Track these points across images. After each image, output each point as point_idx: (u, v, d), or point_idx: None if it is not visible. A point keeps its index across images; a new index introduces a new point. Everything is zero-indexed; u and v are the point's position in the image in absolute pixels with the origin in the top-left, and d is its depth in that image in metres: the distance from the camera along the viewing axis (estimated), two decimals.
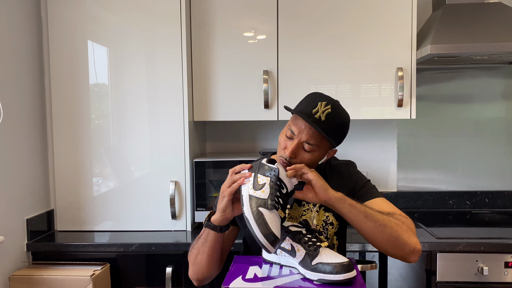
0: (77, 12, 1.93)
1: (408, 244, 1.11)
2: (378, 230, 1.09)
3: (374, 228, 1.09)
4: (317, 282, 0.95)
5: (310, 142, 1.16)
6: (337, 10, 1.99)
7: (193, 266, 1.23)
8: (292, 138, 1.18)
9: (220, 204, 1.11)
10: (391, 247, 1.12)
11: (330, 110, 1.15)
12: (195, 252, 1.22)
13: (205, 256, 1.19)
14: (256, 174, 1.07)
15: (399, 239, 1.10)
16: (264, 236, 0.96)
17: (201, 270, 1.21)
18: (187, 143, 1.94)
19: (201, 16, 2.02)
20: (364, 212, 1.09)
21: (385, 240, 1.10)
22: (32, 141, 1.93)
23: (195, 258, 1.21)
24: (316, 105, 1.16)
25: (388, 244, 1.11)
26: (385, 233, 1.09)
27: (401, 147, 2.37)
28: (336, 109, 1.17)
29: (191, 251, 1.24)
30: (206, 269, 1.21)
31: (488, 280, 1.73)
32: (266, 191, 1.02)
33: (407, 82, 1.98)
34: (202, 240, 1.20)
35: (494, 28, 1.95)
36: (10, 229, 1.78)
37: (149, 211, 1.96)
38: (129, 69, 1.94)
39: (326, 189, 1.07)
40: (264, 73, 2.00)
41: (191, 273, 1.25)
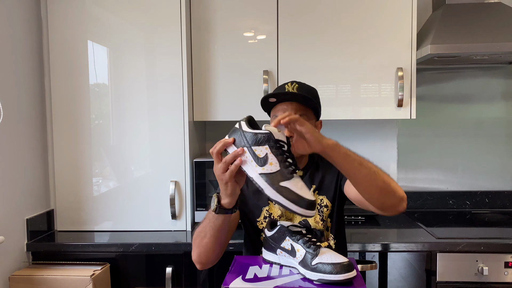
0: (77, 12, 1.93)
1: (397, 191, 1.11)
2: (372, 178, 1.06)
3: (368, 175, 1.06)
4: (317, 282, 0.95)
5: (299, 113, 1.23)
6: (337, 10, 1.99)
7: (198, 248, 1.20)
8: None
9: (225, 190, 1.05)
10: (384, 195, 1.10)
11: (297, 85, 1.29)
12: (201, 235, 1.18)
13: (213, 239, 1.16)
14: (250, 147, 0.97)
15: (391, 186, 1.10)
16: (303, 207, 0.91)
17: (206, 253, 1.19)
18: (187, 143, 1.94)
19: (201, 16, 2.02)
20: (358, 160, 1.05)
21: (379, 188, 1.08)
22: (32, 141, 1.93)
23: (201, 241, 1.18)
24: (284, 87, 1.30)
25: (381, 192, 1.09)
26: (379, 180, 1.07)
27: (401, 147, 2.37)
28: (301, 83, 1.32)
29: (197, 234, 1.20)
30: (211, 252, 1.19)
31: (488, 280, 1.73)
32: (274, 162, 0.95)
33: (407, 82, 1.98)
34: (209, 224, 1.15)
35: (494, 28, 1.95)
36: (10, 229, 1.78)
37: (149, 211, 1.96)
38: (129, 69, 1.94)
39: (321, 140, 1.01)
40: (264, 73, 2.00)
41: (195, 256, 1.22)
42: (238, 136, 1.01)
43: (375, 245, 1.76)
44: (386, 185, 1.09)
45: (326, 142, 1.01)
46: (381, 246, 1.76)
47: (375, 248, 1.76)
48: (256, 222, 1.34)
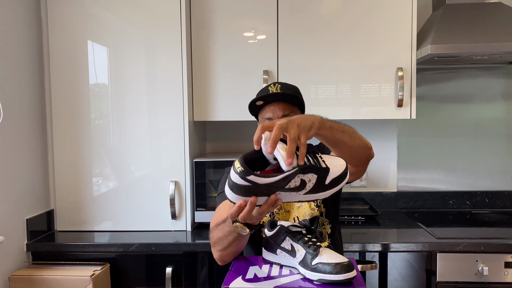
0: (77, 12, 1.93)
1: (366, 142, 1.15)
2: (352, 139, 1.09)
3: (350, 138, 1.08)
4: (317, 282, 0.95)
5: (287, 113, 1.29)
6: (337, 10, 1.99)
7: (221, 253, 1.19)
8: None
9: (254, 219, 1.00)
10: (362, 149, 1.13)
11: (280, 85, 1.32)
12: (224, 245, 1.15)
13: (238, 248, 1.16)
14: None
15: (362, 139, 1.13)
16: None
17: (231, 257, 1.19)
18: (187, 143, 1.94)
19: (201, 16, 2.02)
20: (340, 129, 1.05)
21: (358, 146, 1.11)
22: (32, 141, 1.93)
23: (225, 248, 1.16)
24: (267, 89, 1.32)
25: (360, 148, 1.12)
26: (356, 139, 1.11)
27: (401, 147, 2.37)
28: (283, 83, 1.34)
29: (217, 241, 1.18)
30: (236, 255, 1.19)
31: (488, 280, 1.73)
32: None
33: (407, 82, 1.98)
34: (233, 236, 1.10)
35: (494, 28, 1.95)
36: (10, 229, 1.78)
37: (149, 211, 1.96)
38: (129, 69, 1.94)
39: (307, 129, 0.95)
40: (264, 73, 2.00)
41: (217, 257, 1.22)
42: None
43: (375, 245, 1.76)
44: (361, 140, 1.13)
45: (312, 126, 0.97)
46: (381, 246, 1.76)
47: (375, 248, 1.76)
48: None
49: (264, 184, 0.86)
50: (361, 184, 2.37)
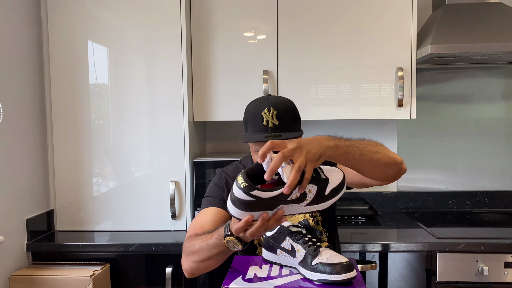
0: (77, 12, 1.93)
1: (395, 158, 1.10)
2: (375, 160, 1.04)
3: (371, 160, 1.04)
4: (317, 282, 0.95)
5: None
6: (337, 10, 1.99)
7: (196, 265, 1.16)
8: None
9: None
10: (388, 168, 1.09)
11: (276, 111, 1.17)
12: (203, 257, 1.12)
13: (217, 263, 1.13)
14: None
15: (390, 157, 1.09)
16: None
17: (203, 271, 1.18)
18: (187, 143, 1.94)
19: (201, 16, 2.02)
20: (358, 152, 1.01)
21: (382, 165, 1.06)
22: (32, 141, 1.93)
23: (202, 261, 1.13)
24: (262, 117, 1.17)
25: (385, 166, 1.07)
26: (381, 158, 1.05)
27: (401, 147, 2.37)
28: (277, 105, 1.18)
29: (196, 251, 1.14)
30: (210, 269, 1.17)
31: (488, 280, 1.73)
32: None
33: (407, 82, 1.98)
34: (217, 249, 1.08)
35: (494, 28, 1.95)
36: (10, 229, 1.78)
37: (149, 211, 1.96)
38: (129, 69, 1.94)
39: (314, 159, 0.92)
40: (264, 73, 2.00)
41: (188, 268, 1.18)
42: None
43: (375, 245, 1.76)
44: (387, 158, 1.08)
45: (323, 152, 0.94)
46: (381, 246, 1.76)
47: (375, 248, 1.76)
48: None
49: (268, 198, 0.88)
50: None
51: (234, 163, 1.42)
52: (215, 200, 1.33)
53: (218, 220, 1.26)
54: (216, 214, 1.28)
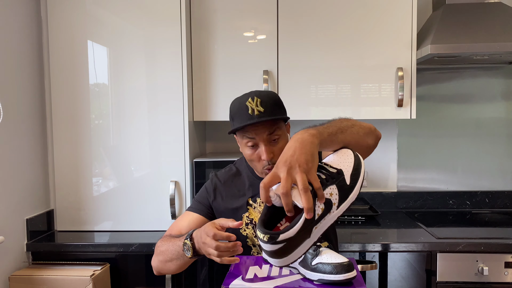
0: (77, 12, 1.93)
1: (368, 125, 1.11)
2: (354, 133, 1.04)
3: (352, 135, 1.03)
4: (317, 282, 0.95)
5: (272, 130, 1.18)
6: (337, 10, 1.99)
7: (160, 265, 1.24)
8: (256, 144, 1.20)
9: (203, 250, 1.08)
10: (368, 137, 1.09)
11: (259, 99, 1.18)
12: (166, 258, 1.20)
13: (178, 267, 1.21)
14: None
15: (363, 126, 1.09)
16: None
17: (167, 271, 1.25)
18: (187, 143, 1.94)
19: (201, 16, 2.02)
20: (340, 130, 1.00)
21: (362, 135, 1.07)
22: (32, 141, 1.93)
23: (165, 263, 1.22)
24: (247, 107, 1.18)
25: (365, 137, 1.08)
26: (358, 131, 1.06)
27: (401, 147, 2.37)
28: (260, 94, 1.21)
29: (162, 252, 1.22)
30: (172, 272, 1.25)
31: (488, 280, 1.73)
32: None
33: (407, 82, 1.98)
34: (176, 254, 1.17)
35: (494, 28, 1.95)
36: (10, 229, 1.78)
37: (149, 211, 1.96)
38: (129, 69, 1.94)
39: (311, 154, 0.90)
40: (264, 73, 2.00)
41: (155, 268, 1.27)
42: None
43: (375, 245, 1.76)
44: (363, 128, 1.08)
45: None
46: (381, 246, 1.76)
47: (375, 248, 1.76)
48: (239, 230, 1.32)
49: (297, 233, 0.82)
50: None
51: (228, 166, 1.43)
52: (199, 206, 1.37)
53: (194, 226, 1.29)
54: (194, 220, 1.33)
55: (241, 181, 1.36)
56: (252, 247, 1.35)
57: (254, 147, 1.21)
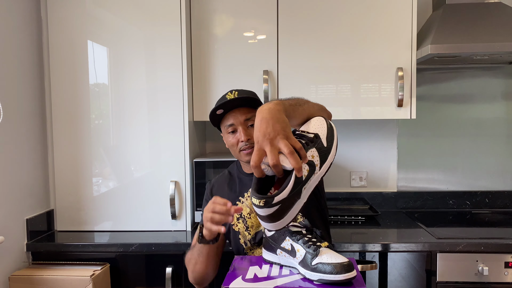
0: (77, 12, 1.93)
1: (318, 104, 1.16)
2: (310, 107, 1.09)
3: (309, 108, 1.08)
4: (317, 282, 0.95)
5: (249, 117, 1.32)
6: (337, 10, 1.99)
7: (192, 273, 1.31)
8: (235, 130, 1.34)
9: (209, 230, 1.18)
10: (322, 111, 1.14)
11: (237, 91, 1.33)
12: (192, 262, 1.29)
13: (203, 266, 1.27)
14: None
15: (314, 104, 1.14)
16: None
17: (201, 276, 1.30)
18: (187, 143, 1.94)
19: (201, 16, 2.02)
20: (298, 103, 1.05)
21: (317, 110, 1.12)
22: (32, 141, 1.93)
23: (194, 267, 1.29)
24: (225, 97, 1.33)
25: (320, 111, 1.13)
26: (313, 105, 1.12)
27: (401, 147, 2.37)
28: (239, 89, 1.35)
29: (189, 260, 1.32)
30: (205, 275, 1.30)
31: (488, 280, 1.73)
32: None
33: (407, 82, 1.98)
34: (196, 252, 1.27)
35: (494, 28, 1.95)
36: (10, 229, 1.78)
37: (149, 211, 1.96)
38: (129, 69, 1.94)
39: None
40: (264, 73, 2.00)
41: (191, 279, 1.33)
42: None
43: (375, 245, 1.76)
44: (315, 105, 1.13)
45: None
46: (381, 246, 1.76)
47: (375, 248, 1.76)
48: (232, 226, 1.39)
49: (289, 193, 0.90)
50: (361, 184, 2.37)
51: (222, 172, 1.52)
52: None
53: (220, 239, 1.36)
54: None
55: (232, 181, 1.45)
56: (244, 245, 1.36)
57: (234, 133, 1.34)
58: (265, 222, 0.93)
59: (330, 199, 2.35)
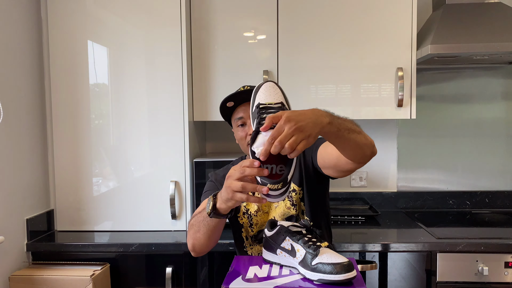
0: (77, 12, 1.93)
1: (370, 139, 1.13)
2: (357, 140, 1.06)
3: (355, 140, 1.05)
4: (317, 282, 0.95)
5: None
6: (337, 10, 1.99)
7: (192, 239, 1.23)
8: (244, 123, 1.34)
9: (227, 201, 1.03)
10: (366, 148, 1.10)
11: (249, 87, 1.32)
12: (195, 229, 1.21)
13: (206, 236, 1.19)
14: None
15: (367, 138, 1.10)
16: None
17: (200, 245, 1.23)
18: (187, 143, 1.94)
19: (201, 16, 2.02)
20: (347, 130, 1.02)
21: (362, 145, 1.07)
22: (32, 141, 1.93)
23: (195, 234, 1.21)
24: (236, 91, 1.32)
25: (364, 147, 1.08)
26: (362, 139, 1.07)
27: (401, 147, 2.37)
28: (252, 86, 1.29)
29: (191, 226, 1.24)
30: (204, 246, 1.23)
31: (488, 280, 1.73)
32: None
33: (407, 82, 1.98)
34: (202, 222, 1.17)
35: (494, 28, 1.95)
36: (10, 229, 1.78)
37: (149, 211, 1.96)
38: (129, 69, 1.94)
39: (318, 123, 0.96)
40: (264, 73, 2.00)
41: (189, 246, 1.25)
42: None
43: (375, 245, 1.76)
44: (366, 139, 1.10)
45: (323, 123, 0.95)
46: (381, 246, 1.76)
47: (375, 248, 1.76)
48: (237, 217, 1.38)
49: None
50: (361, 184, 2.37)
51: (225, 165, 1.51)
52: (212, 192, 1.39)
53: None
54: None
55: None
56: (245, 239, 1.36)
57: (243, 126, 1.34)
58: (277, 199, 0.96)
59: (330, 199, 2.33)
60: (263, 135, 0.93)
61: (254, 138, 0.94)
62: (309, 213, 1.36)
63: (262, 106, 0.99)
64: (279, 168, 0.96)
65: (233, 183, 0.98)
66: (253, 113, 1.02)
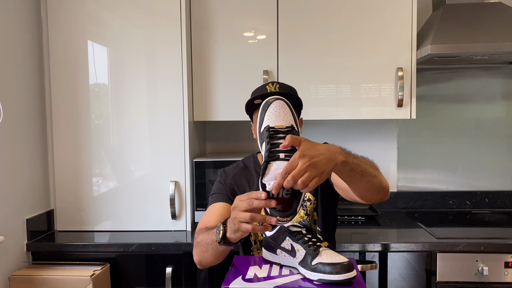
0: (77, 12, 1.93)
1: (386, 184, 1.12)
2: (371, 183, 1.05)
3: (369, 182, 1.05)
4: (317, 282, 0.95)
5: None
6: (337, 10, 1.99)
7: (198, 257, 1.21)
8: None
9: (236, 232, 1.02)
10: (377, 192, 1.10)
11: (278, 85, 1.27)
12: (202, 249, 1.18)
13: (214, 257, 1.17)
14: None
15: (383, 183, 1.10)
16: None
17: (206, 263, 1.21)
18: (187, 143, 1.94)
19: (201, 16, 2.02)
20: (361, 171, 1.02)
21: (375, 189, 1.07)
22: (32, 141, 1.93)
23: (202, 253, 1.19)
24: (265, 88, 1.27)
25: (376, 190, 1.09)
26: (376, 182, 1.07)
27: (401, 147, 2.37)
28: (281, 83, 1.30)
29: (198, 243, 1.20)
30: (211, 263, 1.21)
31: (488, 280, 1.73)
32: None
33: (407, 82, 1.98)
34: (211, 244, 1.14)
35: (494, 28, 1.95)
36: (10, 229, 1.78)
37: (149, 211, 1.96)
38: (129, 69, 1.94)
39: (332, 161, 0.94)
40: (264, 73, 2.00)
41: (196, 261, 1.23)
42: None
43: (375, 245, 1.76)
44: (380, 184, 1.10)
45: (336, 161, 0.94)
46: (381, 246, 1.76)
47: (375, 248, 1.76)
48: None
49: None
50: None
51: (236, 162, 1.47)
52: (221, 196, 1.38)
53: (225, 214, 1.31)
54: (223, 208, 1.33)
55: (249, 173, 1.40)
56: (253, 243, 1.35)
57: None
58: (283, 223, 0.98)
59: None
60: (274, 168, 0.91)
61: (265, 169, 0.92)
62: (321, 223, 1.36)
63: (272, 130, 0.97)
64: (285, 191, 0.94)
65: (239, 214, 0.97)
66: (261, 134, 0.99)
